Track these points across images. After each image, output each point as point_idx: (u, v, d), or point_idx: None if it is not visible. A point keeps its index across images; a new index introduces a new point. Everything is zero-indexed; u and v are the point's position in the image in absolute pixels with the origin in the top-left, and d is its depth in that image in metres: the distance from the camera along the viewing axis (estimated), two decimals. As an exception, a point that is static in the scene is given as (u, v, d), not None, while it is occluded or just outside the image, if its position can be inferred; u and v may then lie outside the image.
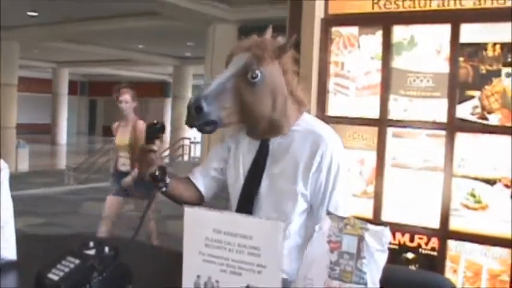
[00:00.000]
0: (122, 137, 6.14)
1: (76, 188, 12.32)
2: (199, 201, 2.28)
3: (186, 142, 19.74)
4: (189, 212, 1.40)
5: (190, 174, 2.32)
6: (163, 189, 2.11)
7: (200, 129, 2.01)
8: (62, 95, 27.98)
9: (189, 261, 1.41)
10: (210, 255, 1.37)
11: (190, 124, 1.99)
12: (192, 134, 22.33)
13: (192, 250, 1.40)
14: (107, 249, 1.67)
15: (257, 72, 2.01)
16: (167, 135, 27.09)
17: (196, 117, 1.95)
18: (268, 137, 2.13)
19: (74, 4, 11.74)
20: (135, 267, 1.72)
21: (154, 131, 2.08)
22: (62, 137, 27.60)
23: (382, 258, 1.34)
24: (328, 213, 1.45)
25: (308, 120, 2.18)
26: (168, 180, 2.10)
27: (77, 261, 1.62)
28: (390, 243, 1.37)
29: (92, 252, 1.66)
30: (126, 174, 5.97)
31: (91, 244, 1.68)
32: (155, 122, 2.10)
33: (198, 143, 17.85)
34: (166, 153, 19.49)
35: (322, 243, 1.38)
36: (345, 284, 1.33)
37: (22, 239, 1.90)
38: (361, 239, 1.34)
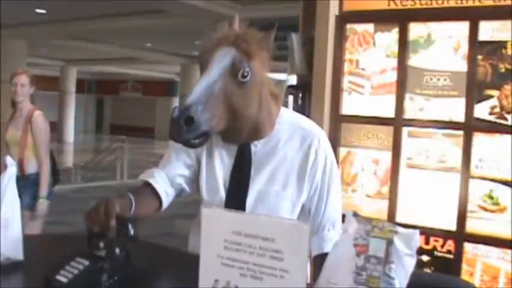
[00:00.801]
0: (14, 131, 4.93)
1: (83, 186, 12.29)
2: (157, 211, 2.00)
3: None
4: (206, 213, 1.33)
5: (151, 178, 1.99)
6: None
7: (189, 144, 1.75)
8: (70, 93, 28.07)
9: (207, 265, 1.34)
10: (228, 258, 1.30)
11: (179, 138, 1.70)
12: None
13: (210, 253, 1.33)
14: (117, 250, 1.60)
15: (247, 70, 1.78)
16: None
17: (187, 130, 1.68)
18: (251, 141, 1.92)
19: (82, 2, 11.74)
20: (146, 269, 1.68)
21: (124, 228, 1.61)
22: (69, 135, 27.64)
23: (410, 263, 1.28)
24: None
25: (288, 115, 1.99)
26: (132, 232, 1.60)
27: (87, 263, 1.55)
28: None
29: (102, 253, 1.59)
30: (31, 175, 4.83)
31: (101, 245, 1.60)
32: (128, 220, 1.62)
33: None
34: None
35: (348, 247, 1.31)
36: (372, 290, 1.26)
37: (29, 239, 1.84)
38: (389, 242, 1.27)
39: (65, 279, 1.51)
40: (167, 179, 2.00)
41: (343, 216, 1.59)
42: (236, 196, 1.91)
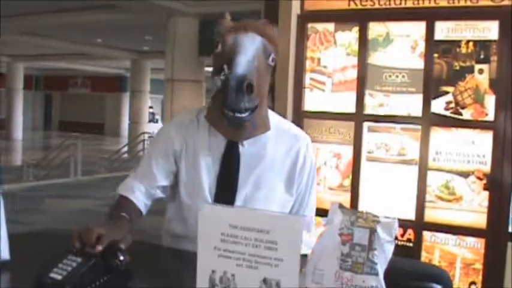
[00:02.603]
0: None
1: (36, 185, 12.12)
2: (138, 221, 1.95)
3: (146, 137, 19.58)
4: (205, 208, 1.42)
5: (129, 191, 1.97)
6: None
7: (239, 118, 1.74)
8: (17, 89, 27.56)
9: (204, 257, 1.41)
10: (225, 250, 1.38)
11: (243, 107, 1.70)
12: (151, 128, 22.27)
13: (207, 246, 1.41)
14: (110, 246, 1.61)
15: (274, 56, 1.85)
16: (125, 130, 26.91)
17: (248, 99, 1.69)
18: (247, 135, 1.89)
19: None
20: (137, 266, 1.68)
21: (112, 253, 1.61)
22: (18, 132, 27.13)
23: (390, 249, 1.39)
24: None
25: (274, 119, 2.00)
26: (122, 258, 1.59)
27: (79, 260, 1.56)
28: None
29: (94, 250, 1.59)
30: None
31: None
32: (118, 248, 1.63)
33: (157, 137, 17.67)
34: (125, 148, 19.34)
35: (334, 236, 1.42)
36: (357, 275, 1.37)
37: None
38: (372, 231, 1.38)
39: (59, 276, 1.51)
40: (146, 191, 1.98)
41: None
42: (224, 201, 1.85)
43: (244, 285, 1.35)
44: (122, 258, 1.60)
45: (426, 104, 3.38)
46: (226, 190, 1.88)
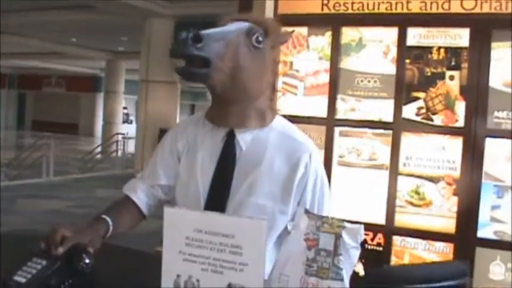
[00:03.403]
0: None
1: (8, 185, 11.97)
2: (139, 222, 1.96)
3: (120, 138, 19.47)
4: (169, 212, 1.41)
5: (131, 191, 1.95)
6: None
7: (187, 71, 1.66)
8: (-11, 88, 27.22)
9: (169, 261, 1.41)
10: (190, 254, 1.38)
11: (182, 52, 1.61)
12: (125, 129, 22.17)
13: (172, 250, 1.40)
14: (75, 249, 1.60)
15: (261, 37, 1.75)
16: (99, 130, 26.74)
17: (192, 45, 1.59)
18: (245, 125, 1.81)
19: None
20: (103, 268, 1.66)
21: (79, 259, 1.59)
22: (-10, 131, 26.82)
23: (355, 255, 1.40)
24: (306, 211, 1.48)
25: (282, 124, 1.89)
26: (87, 260, 1.58)
27: (44, 262, 1.54)
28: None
29: (59, 252, 1.58)
30: None
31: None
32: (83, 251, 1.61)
33: (131, 138, 17.62)
34: (99, 149, 19.21)
35: (299, 241, 1.42)
36: (323, 280, 1.37)
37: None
38: (338, 236, 1.39)
39: (23, 279, 1.50)
40: (148, 191, 1.94)
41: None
42: (215, 204, 1.77)
43: (209, 290, 1.35)
44: (87, 261, 1.58)
45: (397, 109, 3.40)
46: (218, 194, 1.80)
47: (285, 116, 1.97)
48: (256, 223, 1.34)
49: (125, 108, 27.29)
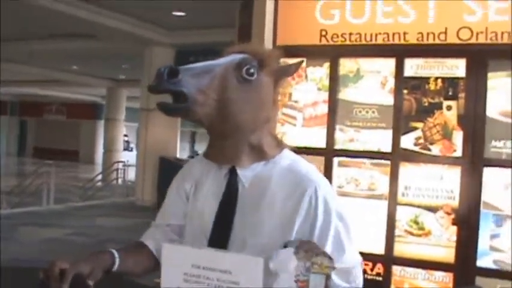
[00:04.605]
0: None
1: (10, 213, 11.92)
2: (152, 264, 1.84)
3: (120, 165, 19.46)
4: (167, 247, 1.43)
5: (145, 236, 1.90)
6: None
7: (166, 107, 1.64)
8: (-9, 115, 27.29)
9: (167, 296, 1.43)
10: (188, 289, 1.40)
11: (157, 87, 1.59)
12: (126, 157, 22.17)
13: (170, 285, 1.42)
14: (75, 281, 1.56)
15: (253, 70, 1.69)
16: (99, 158, 26.74)
17: (168, 80, 1.57)
18: (237, 161, 1.74)
19: (7, 23, 11.50)
20: None
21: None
22: (-9, 158, 26.83)
23: None
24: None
25: (289, 157, 1.81)
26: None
27: None
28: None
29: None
30: None
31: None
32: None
33: (132, 166, 17.62)
34: (100, 177, 19.19)
35: (290, 283, 1.41)
36: (316, 320, 1.38)
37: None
38: (328, 277, 1.39)
39: None
40: (161, 235, 1.86)
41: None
42: (217, 244, 1.67)
43: (207, 325, 1.36)
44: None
45: (396, 139, 3.43)
46: (221, 231, 1.72)
47: (293, 148, 1.94)
48: (253, 260, 1.35)
49: (125, 135, 27.32)
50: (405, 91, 3.41)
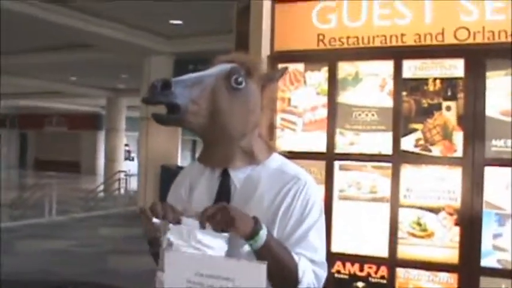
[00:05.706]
0: None
1: (11, 226, 11.92)
2: None
3: (122, 175, 19.48)
4: (170, 255, 1.43)
5: None
6: None
7: (158, 117, 1.73)
8: (-9, 128, 27.32)
9: (171, 304, 1.43)
10: (192, 297, 1.40)
11: (151, 99, 1.68)
12: (127, 166, 22.19)
13: (174, 293, 1.42)
14: None
15: (242, 79, 1.80)
16: (101, 168, 26.75)
17: (161, 93, 1.67)
18: (230, 164, 1.84)
19: (5, 36, 11.53)
20: None
21: None
22: (-8, 171, 26.82)
23: None
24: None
25: (278, 160, 1.92)
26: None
27: None
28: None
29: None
30: None
31: None
32: None
33: (134, 175, 17.63)
34: (101, 187, 19.20)
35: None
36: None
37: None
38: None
39: None
40: None
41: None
42: None
43: (210, 332, 1.36)
44: None
45: (396, 141, 3.42)
46: None
47: (284, 152, 2.00)
48: (256, 266, 1.36)
49: (126, 145, 27.35)
50: (404, 93, 3.41)
